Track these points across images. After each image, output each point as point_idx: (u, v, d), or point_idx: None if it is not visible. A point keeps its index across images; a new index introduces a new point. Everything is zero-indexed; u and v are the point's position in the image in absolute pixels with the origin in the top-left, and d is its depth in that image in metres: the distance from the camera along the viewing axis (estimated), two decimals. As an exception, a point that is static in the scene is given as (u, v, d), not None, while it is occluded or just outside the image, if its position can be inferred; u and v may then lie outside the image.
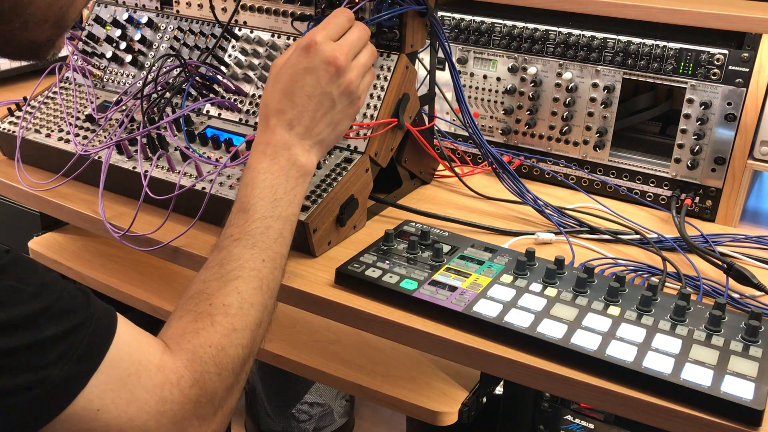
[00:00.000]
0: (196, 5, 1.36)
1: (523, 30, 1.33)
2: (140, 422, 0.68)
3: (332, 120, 0.93)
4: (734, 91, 1.17)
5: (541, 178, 1.37)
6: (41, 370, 0.62)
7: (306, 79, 0.89)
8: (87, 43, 1.43)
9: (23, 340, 0.61)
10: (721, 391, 0.78)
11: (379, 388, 1.04)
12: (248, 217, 0.84)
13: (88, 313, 0.67)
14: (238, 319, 0.78)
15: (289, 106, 0.89)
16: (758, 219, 1.27)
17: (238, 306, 0.79)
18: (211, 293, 0.79)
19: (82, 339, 0.65)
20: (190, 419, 0.72)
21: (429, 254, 1.03)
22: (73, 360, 0.64)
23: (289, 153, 0.88)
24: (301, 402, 1.90)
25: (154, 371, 0.70)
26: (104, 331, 0.68)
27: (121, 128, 1.23)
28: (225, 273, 0.80)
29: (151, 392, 0.69)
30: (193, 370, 0.73)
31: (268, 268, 0.83)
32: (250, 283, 0.81)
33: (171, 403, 0.70)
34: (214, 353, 0.75)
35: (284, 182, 0.87)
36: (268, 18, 1.28)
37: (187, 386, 0.72)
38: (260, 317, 0.81)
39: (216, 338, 0.76)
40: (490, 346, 0.89)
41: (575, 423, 1.11)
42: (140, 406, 0.68)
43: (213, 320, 0.77)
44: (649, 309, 0.91)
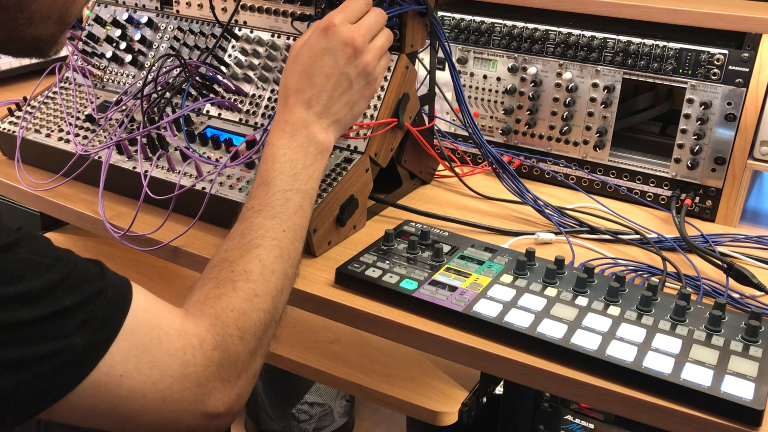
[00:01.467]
0: (196, 5, 1.36)
1: (523, 30, 1.33)
2: (164, 386, 0.70)
3: (349, 100, 0.95)
4: (734, 91, 1.17)
5: (541, 178, 1.37)
6: (63, 339, 0.63)
7: (324, 60, 0.91)
8: (87, 43, 1.43)
9: (43, 311, 0.62)
10: (721, 391, 0.78)
11: (379, 388, 1.04)
12: (269, 190, 0.86)
13: (104, 282, 0.68)
14: (259, 285, 0.80)
15: (308, 85, 0.91)
16: (758, 219, 1.27)
17: (259, 272, 0.80)
18: (233, 261, 0.81)
19: (99, 307, 0.66)
20: (214, 382, 0.73)
21: (429, 254, 1.03)
22: (93, 327, 0.65)
23: (308, 131, 0.90)
24: (301, 402, 1.90)
25: (176, 336, 0.71)
26: (121, 299, 0.69)
27: (121, 128, 1.23)
28: (246, 242, 0.82)
29: (174, 356, 0.70)
30: (215, 333, 0.74)
31: (289, 238, 0.85)
32: (272, 252, 0.82)
33: (194, 366, 0.71)
34: (236, 317, 0.76)
35: (303, 157, 0.89)
36: (268, 18, 1.28)
37: (210, 349, 0.73)
38: (281, 284, 0.82)
39: (238, 303, 0.77)
40: (490, 346, 0.89)
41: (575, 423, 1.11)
42: (163, 370, 0.69)
43: (235, 286, 0.78)
44: (649, 309, 0.91)
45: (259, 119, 1.23)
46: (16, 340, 0.61)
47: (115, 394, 0.67)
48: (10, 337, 0.61)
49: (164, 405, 0.70)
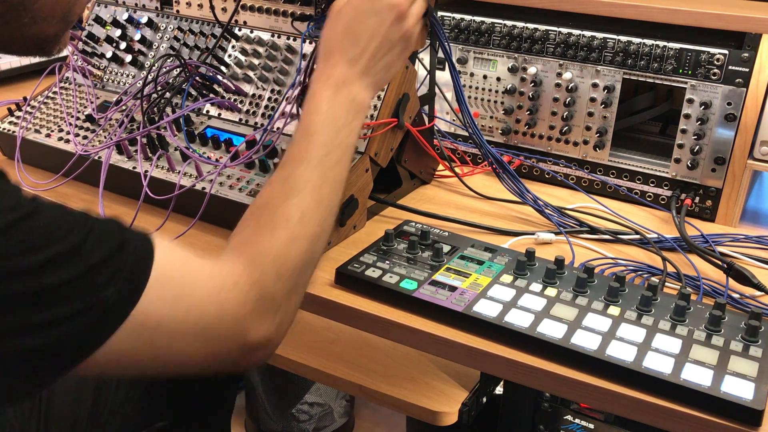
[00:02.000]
0: (196, 5, 1.36)
1: (523, 30, 1.33)
2: (201, 327, 0.71)
3: (388, 62, 0.96)
4: (734, 91, 1.17)
5: (541, 178, 1.37)
6: (95, 294, 0.64)
7: (371, 20, 0.93)
8: (87, 43, 1.43)
9: (72, 272, 0.63)
10: (721, 391, 0.78)
11: (379, 388, 1.03)
12: (311, 141, 0.88)
13: (124, 236, 0.69)
14: (298, 230, 0.81)
15: (352, 44, 0.93)
16: (758, 219, 1.27)
17: (298, 219, 0.82)
18: (273, 207, 0.83)
19: (125, 259, 0.67)
20: (251, 320, 0.74)
21: (429, 254, 1.03)
22: (122, 278, 0.66)
23: (350, 88, 0.92)
24: (301, 402, 1.90)
25: (208, 278, 0.73)
26: (144, 249, 0.69)
27: (121, 128, 1.23)
28: (287, 189, 0.84)
29: (209, 297, 0.72)
30: (251, 273, 0.76)
31: (328, 189, 0.87)
32: (311, 200, 0.84)
33: (230, 303, 0.73)
34: (272, 259, 0.78)
35: (345, 114, 0.91)
36: (268, 18, 1.28)
37: (246, 287, 0.74)
38: (319, 232, 0.84)
39: (275, 245, 0.79)
40: (490, 346, 0.89)
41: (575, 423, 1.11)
42: (200, 311, 0.71)
43: (273, 229, 0.80)
44: (649, 309, 0.91)
45: (259, 119, 1.23)
46: (49, 303, 0.62)
47: (154, 340, 0.68)
48: (44, 301, 0.62)
49: (204, 344, 0.72)
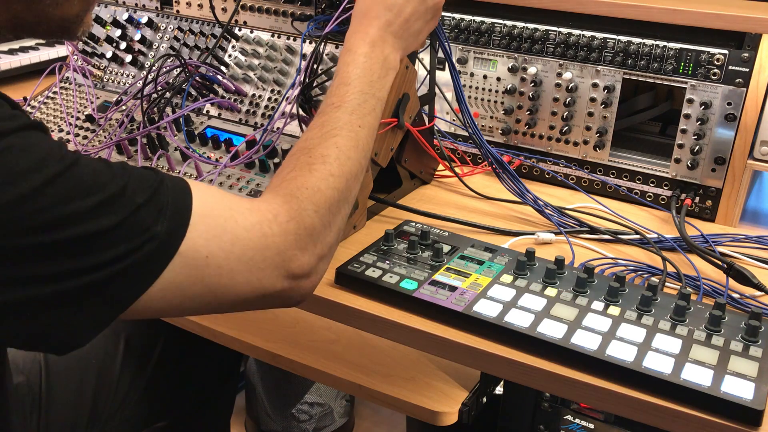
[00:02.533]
0: (196, 5, 1.36)
1: (523, 30, 1.33)
2: (247, 258, 0.75)
3: (419, 29, 1.03)
4: (734, 91, 1.17)
5: (541, 178, 1.37)
6: (146, 232, 0.68)
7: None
8: (87, 43, 1.43)
9: (124, 212, 0.67)
10: (721, 391, 0.78)
11: (379, 388, 1.03)
12: (348, 89, 0.93)
13: (160, 176, 0.72)
14: (335, 167, 0.85)
15: (388, 8, 0.98)
16: (758, 219, 1.27)
17: (335, 157, 0.86)
18: (311, 147, 0.87)
19: (166, 198, 0.70)
20: (293, 250, 0.78)
21: (429, 254, 1.03)
22: (168, 215, 0.70)
23: (383, 47, 0.98)
24: (301, 402, 1.90)
25: (248, 212, 0.76)
26: (181, 187, 0.73)
27: (121, 128, 1.23)
28: (325, 132, 0.88)
29: (251, 230, 0.75)
30: (290, 207, 0.79)
31: (364, 133, 0.91)
32: (348, 141, 0.88)
33: (272, 236, 0.76)
34: (310, 193, 0.81)
35: (379, 69, 0.96)
36: (268, 18, 1.28)
37: (285, 221, 0.78)
38: (356, 170, 0.88)
39: (312, 181, 0.83)
40: (490, 346, 0.89)
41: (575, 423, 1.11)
42: (244, 243, 0.74)
43: (311, 168, 0.84)
44: (649, 309, 0.91)
45: (259, 119, 1.23)
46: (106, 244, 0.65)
47: (205, 274, 0.72)
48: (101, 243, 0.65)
49: (250, 275, 0.75)
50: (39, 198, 0.62)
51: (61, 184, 0.64)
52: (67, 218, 0.63)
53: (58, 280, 0.64)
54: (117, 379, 1.20)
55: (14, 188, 0.61)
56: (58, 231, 0.63)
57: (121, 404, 1.20)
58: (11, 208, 0.60)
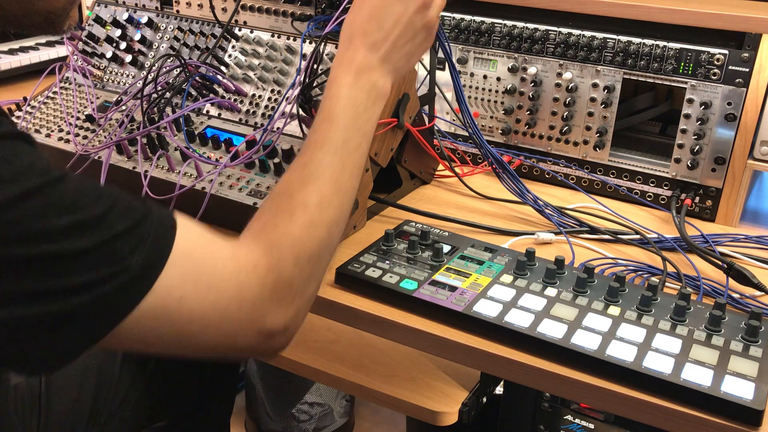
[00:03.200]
0: (196, 5, 1.36)
1: (523, 30, 1.33)
2: (221, 307, 0.72)
3: (409, 51, 0.96)
4: (734, 91, 1.17)
5: (541, 178, 1.37)
6: (121, 261, 0.66)
7: (396, 6, 0.93)
8: (87, 43, 1.43)
9: (101, 237, 0.65)
10: (721, 391, 0.78)
11: (379, 388, 1.03)
12: (331, 126, 0.88)
13: (147, 208, 0.71)
14: (316, 216, 0.82)
15: (376, 29, 0.92)
16: (758, 219, 1.27)
17: (317, 204, 0.82)
18: (292, 192, 0.83)
19: (148, 230, 0.69)
20: (269, 303, 0.75)
21: (429, 254, 1.03)
22: (146, 249, 0.68)
23: (371, 74, 0.91)
24: (301, 402, 1.90)
25: (229, 259, 0.74)
26: (167, 223, 0.71)
27: (121, 128, 1.23)
28: (306, 174, 0.85)
29: (228, 278, 0.73)
30: (270, 257, 0.76)
31: (347, 175, 0.87)
32: (330, 185, 0.84)
33: (249, 287, 0.74)
34: (291, 243, 0.78)
35: (365, 99, 0.90)
36: (268, 18, 1.28)
37: (264, 272, 0.75)
38: (337, 217, 0.85)
39: (294, 230, 0.80)
40: (490, 346, 0.89)
41: (575, 423, 1.11)
42: (219, 291, 0.72)
43: (292, 215, 0.81)
44: (649, 309, 0.91)
45: (259, 119, 1.23)
46: (78, 267, 0.64)
47: (175, 317, 0.70)
48: (74, 265, 0.63)
49: (222, 325, 0.73)
50: (13, 210, 0.60)
51: (38, 198, 0.62)
52: (40, 234, 0.62)
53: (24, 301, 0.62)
54: (117, 379, 1.20)
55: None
56: (30, 246, 0.61)
57: (120, 404, 1.20)
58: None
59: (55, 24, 0.82)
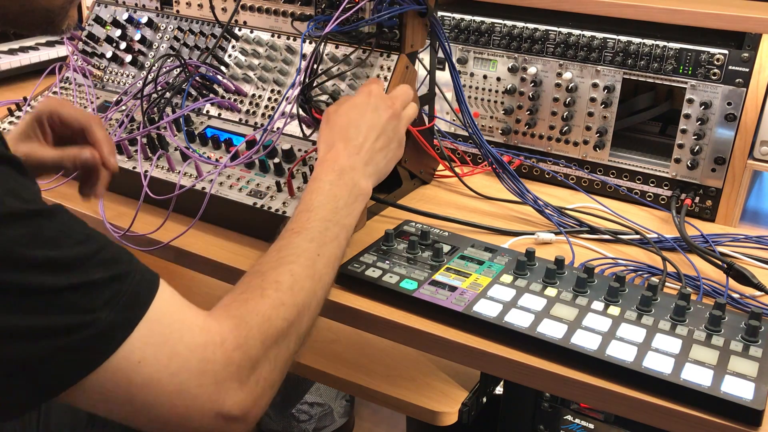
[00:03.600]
0: (196, 5, 1.36)
1: (523, 30, 1.33)
2: (181, 379, 0.69)
3: (386, 155, 1.02)
4: (734, 91, 1.17)
5: (541, 178, 1.37)
6: (89, 313, 0.63)
7: (370, 114, 1.01)
8: (87, 43, 1.43)
9: (72, 280, 0.63)
10: (721, 391, 0.78)
11: (379, 388, 1.04)
12: (310, 216, 0.90)
13: (132, 266, 0.69)
14: (287, 296, 0.80)
15: (355, 134, 0.98)
16: (758, 219, 1.27)
17: (289, 285, 0.81)
18: (265, 271, 0.83)
19: (127, 288, 0.67)
20: (231, 382, 0.72)
21: (429, 254, 1.03)
22: (119, 307, 0.65)
23: (353, 174, 0.96)
24: (301, 402, 1.90)
25: (197, 331, 0.72)
26: (147, 285, 0.70)
27: (121, 128, 1.23)
28: (281, 257, 0.84)
29: (194, 351, 0.70)
30: (238, 334, 0.74)
31: (323, 263, 0.87)
32: (304, 270, 0.84)
33: (213, 363, 0.71)
34: (260, 321, 0.76)
35: (346, 196, 0.94)
36: (268, 18, 1.28)
37: (231, 349, 0.73)
38: (309, 301, 0.83)
39: (263, 308, 0.78)
40: (490, 346, 0.89)
41: (575, 423, 1.11)
42: (181, 363, 0.69)
43: (263, 292, 0.80)
44: (649, 309, 0.91)
45: (258, 119, 1.23)
46: (43, 306, 0.61)
47: (131, 381, 0.67)
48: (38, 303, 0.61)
49: (179, 399, 0.69)
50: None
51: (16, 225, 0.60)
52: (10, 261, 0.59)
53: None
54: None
55: None
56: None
57: (121, 404, 1.20)
58: None
59: (54, 23, 0.82)
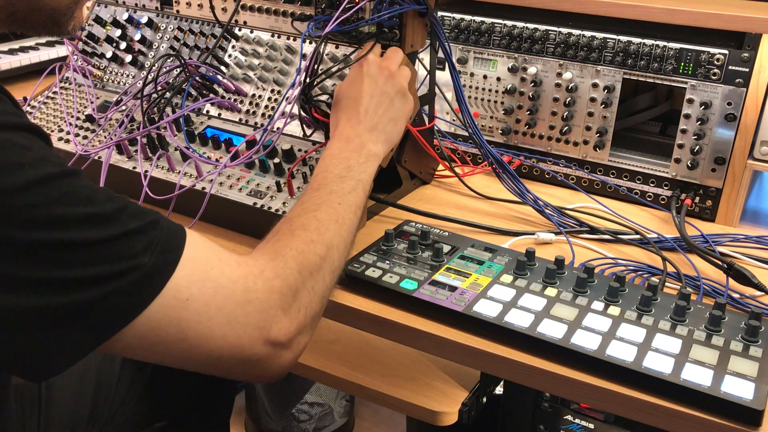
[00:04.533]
0: (196, 5, 1.36)
1: (523, 30, 1.33)
2: (228, 310, 0.72)
3: (392, 117, 1.05)
4: (734, 91, 1.17)
5: (541, 178, 1.37)
6: (133, 259, 0.67)
7: (364, 83, 1.03)
8: (87, 43, 1.43)
9: (113, 231, 0.66)
10: (721, 391, 0.78)
11: (379, 388, 1.03)
12: (326, 175, 0.94)
13: (159, 216, 0.72)
14: (315, 235, 0.85)
15: (354, 106, 1.02)
16: (758, 219, 1.27)
17: (315, 227, 0.86)
18: (291, 218, 0.87)
19: (161, 233, 0.70)
20: (276, 309, 0.76)
21: (429, 254, 1.03)
22: (158, 250, 0.69)
23: (360, 139, 1.00)
24: (301, 402, 1.90)
25: (235, 265, 0.75)
26: (178, 231, 0.73)
27: (121, 128, 1.23)
28: (305, 208, 0.89)
29: (236, 282, 0.74)
30: (275, 264, 0.78)
31: (344, 209, 0.91)
32: (327, 216, 0.88)
33: (256, 291, 0.74)
34: (294, 254, 0.80)
35: (357, 156, 0.98)
36: (268, 18, 1.28)
37: (271, 277, 0.76)
38: (336, 241, 0.87)
39: (296, 243, 0.82)
40: (490, 346, 0.89)
41: (575, 423, 1.11)
42: (227, 294, 0.72)
43: (293, 233, 0.84)
44: (649, 309, 0.91)
45: (259, 119, 1.23)
46: (89, 258, 0.64)
47: (182, 317, 0.70)
48: (84, 256, 0.64)
49: (229, 329, 0.72)
50: (31, 193, 0.62)
51: (55, 186, 0.63)
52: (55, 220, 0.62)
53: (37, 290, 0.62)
54: (117, 379, 1.20)
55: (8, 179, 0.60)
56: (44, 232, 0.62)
57: (120, 404, 1.20)
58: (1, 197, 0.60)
59: (60, 23, 0.83)
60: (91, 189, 0.67)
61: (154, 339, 0.69)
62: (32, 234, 0.61)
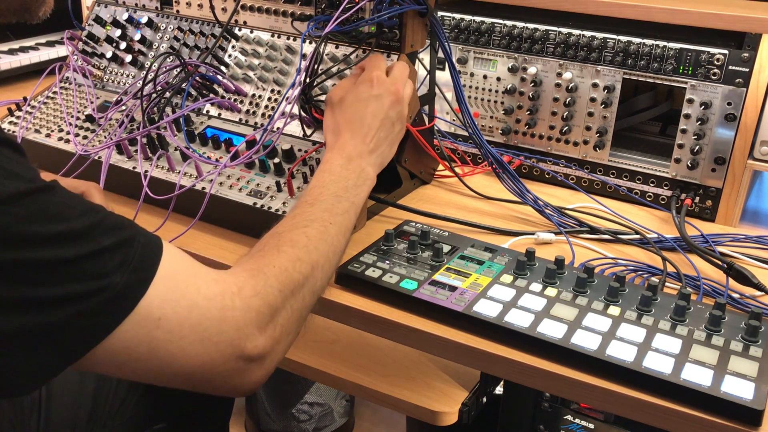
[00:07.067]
0: (196, 5, 1.36)
1: (523, 30, 1.33)
2: (202, 328, 0.71)
3: (391, 141, 1.07)
4: (734, 91, 1.17)
5: (541, 178, 1.37)
6: (104, 277, 0.65)
7: (372, 105, 1.04)
8: (87, 43, 1.43)
9: (84, 250, 0.65)
10: (721, 391, 0.78)
11: (379, 388, 1.03)
12: (323, 191, 0.94)
13: (135, 230, 0.71)
14: (302, 253, 0.84)
15: (360, 125, 1.02)
16: (758, 219, 1.27)
17: (304, 244, 0.85)
18: (281, 233, 0.87)
19: (135, 251, 0.68)
20: (251, 327, 0.74)
21: (429, 254, 1.03)
22: (131, 269, 0.67)
23: (360, 161, 1.00)
24: (301, 402, 1.90)
25: (212, 282, 0.74)
26: (153, 246, 0.71)
27: (121, 128, 1.23)
28: (296, 223, 0.89)
29: (212, 300, 0.72)
30: (255, 283, 0.77)
31: (335, 230, 0.91)
32: (318, 234, 0.88)
33: (232, 309, 0.73)
34: (276, 272, 0.79)
35: (355, 178, 0.98)
36: (268, 18, 1.28)
37: (249, 295, 0.75)
38: (323, 261, 0.86)
39: (280, 260, 0.81)
40: (490, 346, 0.89)
41: (575, 423, 1.11)
42: (202, 312, 0.71)
43: (279, 249, 0.83)
44: (649, 309, 0.91)
45: (258, 119, 1.23)
46: (59, 277, 0.63)
47: (153, 337, 0.68)
48: (54, 275, 0.63)
49: (201, 348, 0.71)
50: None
51: (23, 204, 0.62)
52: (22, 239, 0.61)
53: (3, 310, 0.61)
54: (117, 380, 1.20)
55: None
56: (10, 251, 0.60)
57: (120, 405, 1.20)
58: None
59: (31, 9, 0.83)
60: (62, 205, 0.65)
61: (125, 358, 0.68)
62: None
